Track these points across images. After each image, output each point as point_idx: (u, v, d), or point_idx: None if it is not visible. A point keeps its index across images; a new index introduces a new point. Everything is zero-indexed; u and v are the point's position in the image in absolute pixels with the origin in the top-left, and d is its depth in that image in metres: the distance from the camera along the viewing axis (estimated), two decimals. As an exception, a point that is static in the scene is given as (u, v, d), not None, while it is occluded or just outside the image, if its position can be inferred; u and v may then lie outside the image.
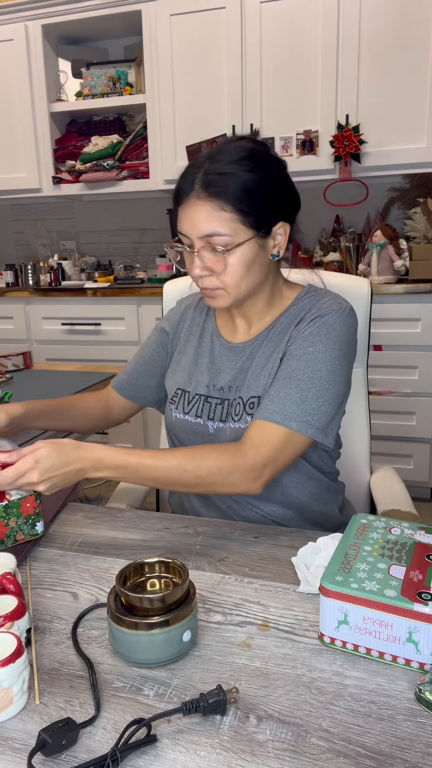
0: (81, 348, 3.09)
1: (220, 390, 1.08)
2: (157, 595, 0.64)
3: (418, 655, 0.62)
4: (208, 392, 1.09)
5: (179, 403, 1.11)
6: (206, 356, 1.11)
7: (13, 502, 0.87)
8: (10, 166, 3.30)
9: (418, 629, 0.62)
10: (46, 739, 0.53)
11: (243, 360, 1.07)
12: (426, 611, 0.61)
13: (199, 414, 1.08)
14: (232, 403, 1.06)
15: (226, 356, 1.09)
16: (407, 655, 0.63)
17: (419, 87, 2.61)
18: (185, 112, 2.95)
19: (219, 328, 1.13)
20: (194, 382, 1.11)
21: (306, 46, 2.70)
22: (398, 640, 0.63)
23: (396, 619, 0.62)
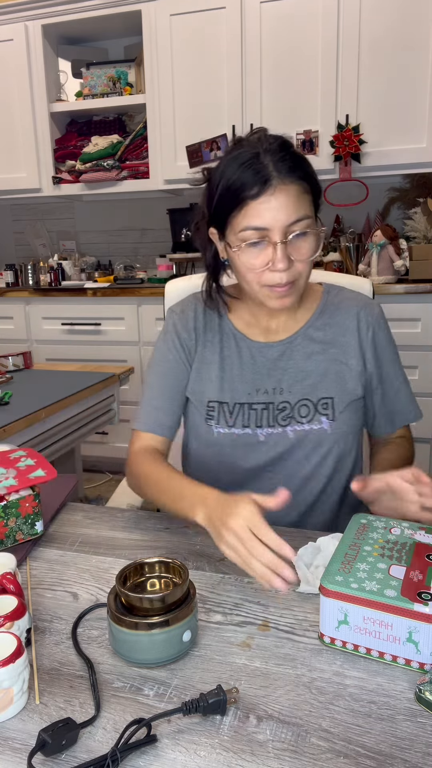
0: (81, 348, 3.09)
1: (264, 393, 1.03)
2: (157, 595, 0.64)
3: (418, 655, 0.62)
4: (251, 399, 1.03)
5: (218, 416, 1.04)
6: (235, 361, 1.06)
7: (12, 502, 0.87)
8: (10, 166, 3.30)
9: (418, 629, 0.62)
10: (46, 739, 0.53)
11: (281, 359, 1.04)
12: (426, 611, 0.61)
13: (246, 424, 1.03)
14: (279, 406, 1.03)
15: (259, 358, 1.05)
16: (407, 655, 0.63)
17: (419, 87, 2.60)
18: (185, 112, 2.95)
19: (240, 329, 1.07)
20: (230, 391, 1.04)
21: (306, 46, 2.70)
22: (398, 640, 0.63)
23: (396, 619, 0.62)
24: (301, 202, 0.90)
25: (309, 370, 1.03)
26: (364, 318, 1.05)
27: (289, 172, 0.89)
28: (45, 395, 1.70)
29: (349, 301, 1.07)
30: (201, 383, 1.07)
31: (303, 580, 0.77)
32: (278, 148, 0.91)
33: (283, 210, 0.88)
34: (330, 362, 1.04)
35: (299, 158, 0.92)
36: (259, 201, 0.89)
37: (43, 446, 1.65)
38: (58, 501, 1.03)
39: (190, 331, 1.08)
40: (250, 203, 0.89)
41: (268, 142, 0.92)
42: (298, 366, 1.04)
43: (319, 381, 1.03)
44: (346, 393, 1.03)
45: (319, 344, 1.04)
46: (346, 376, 1.04)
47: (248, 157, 0.90)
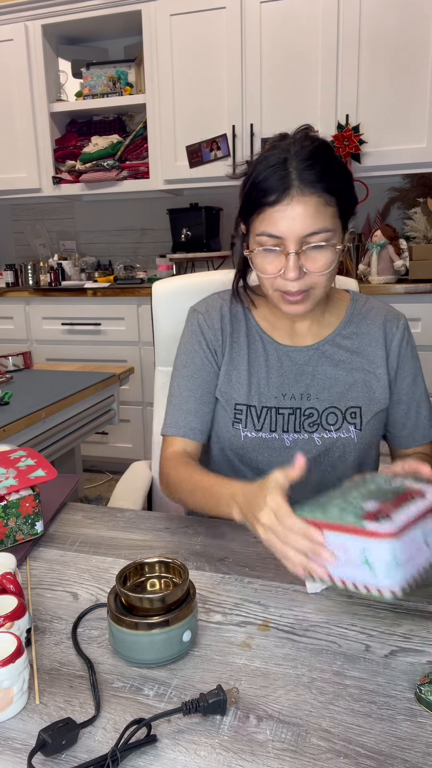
0: (81, 348, 3.09)
1: (291, 399, 1.02)
2: (157, 595, 0.64)
3: (374, 579, 0.61)
4: (279, 403, 1.02)
5: (246, 420, 1.03)
6: (262, 364, 1.04)
7: (12, 502, 0.87)
8: (10, 166, 3.30)
9: (370, 549, 0.60)
10: (46, 739, 0.53)
11: (309, 365, 1.03)
12: (375, 528, 0.59)
13: (273, 428, 1.02)
14: (305, 412, 1.02)
15: (286, 362, 1.04)
16: (365, 580, 0.61)
17: (419, 87, 2.61)
18: (185, 112, 2.95)
19: (267, 332, 1.06)
20: (257, 394, 1.03)
21: (306, 46, 2.70)
22: (355, 563, 0.62)
23: (350, 540, 0.61)
24: (321, 214, 0.88)
25: (337, 378, 1.03)
26: (390, 329, 1.06)
27: (311, 183, 0.87)
28: (45, 395, 1.70)
29: (376, 310, 1.07)
30: (230, 385, 1.05)
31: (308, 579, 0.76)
32: (308, 155, 0.88)
33: (299, 221, 0.87)
34: (358, 371, 1.03)
35: (329, 169, 0.89)
36: (275, 209, 0.88)
37: (43, 446, 1.65)
38: (58, 501, 1.03)
39: (216, 331, 1.06)
40: (267, 210, 0.89)
41: (301, 145, 0.89)
42: (327, 373, 1.03)
43: (347, 389, 1.02)
44: (374, 402, 1.03)
45: (347, 352, 1.04)
46: (373, 386, 1.03)
47: (275, 161, 0.88)
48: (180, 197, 3.37)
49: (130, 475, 1.36)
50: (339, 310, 1.07)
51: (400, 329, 1.06)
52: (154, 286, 1.34)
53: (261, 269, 0.94)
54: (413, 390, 1.07)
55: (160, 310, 1.32)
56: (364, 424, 1.02)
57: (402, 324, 1.07)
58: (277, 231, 0.89)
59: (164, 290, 1.33)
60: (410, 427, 1.08)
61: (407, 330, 1.08)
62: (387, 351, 1.05)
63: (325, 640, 0.68)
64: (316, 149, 0.89)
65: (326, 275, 0.92)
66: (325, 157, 0.89)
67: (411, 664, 0.64)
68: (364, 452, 1.04)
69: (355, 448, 1.02)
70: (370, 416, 1.03)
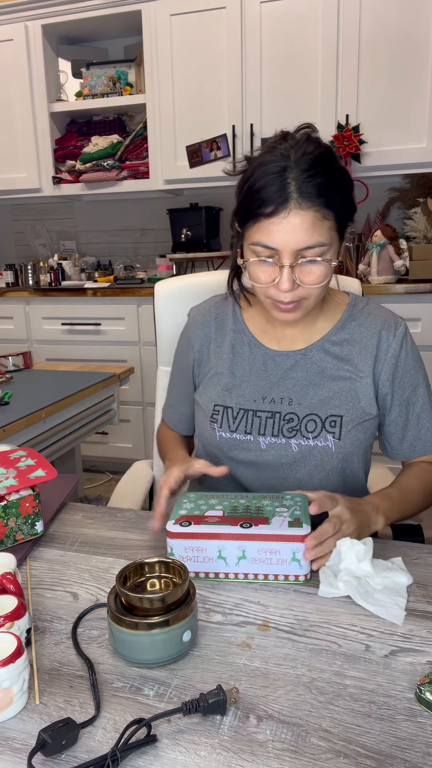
0: (81, 348, 3.09)
1: (270, 402, 1.01)
2: (157, 595, 0.64)
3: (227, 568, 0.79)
4: (257, 406, 1.02)
5: (222, 420, 1.03)
6: (245, 367, 1.04)
7: (12, 503, 0.87)
8: (10, 166, 3.30)
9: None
10: (46, 739, 0.53)
11: (293, 369, 1.02)
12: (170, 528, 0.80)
13: (249, 431, 1.01)
14: (285, 417, 1.00)
15: (271, 365, 1.03)
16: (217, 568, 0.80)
17: (419, 87, 2.61)
18: (185, 112, 2.95)
19: (255, 335, 1.06)
20: (236, 396, 1.03)
21: (306, 46, 2.70)
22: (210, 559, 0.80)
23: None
24: (317, 228, 0.86)
25: (321, 385, 1.01)
26: (385, 338, 1.01)
27: (310, 196, 0.85)
28: (45, 395, 1.70)
29: (374, 317, 1.03)
30: (209, 386, 1.06)
31: (324, 583, 0.76)
32: (309, 165, 0.85)
33: (294, 234, 0.86)
34: (343, 380, 1.00)
35: (329, 181, 0.86)
36: (272, 221, 0.86)
37: (43, 446, 1.65)
38: (58, 501, 1.03)
39: (199, 337, 1.10)
40: (263, 220, 0.87)
41: (302, 152, 0.87)
42: (311, 379, 1.01)
43: (330, 397, 1.00)
44: (357, 412, 1.00)
45: (335, 359, 1.01)
46: (359, 395, 1.00)
47: (275, 170, 0.86)
48: (180, 197, 3.37)
49: (131, 475, 1.36)
50: (334, 314, 1.05)
51: (397, 338, 1.01)
52: (157, 286, 1.34)
53: (254, 278, 0.93)
54: (413, 401, 1.03)
55: (162, 310, 1.32)
56: (344, 433, 0.98)
57: (400, 332, 1.02)
58: (273, 243, 0.87)
59: (166, 290, 1.33)
60: (411, 440, 1.04)
61: (406, 339, 1.03)
62: (376, 361, 1.01)
63: (325, 640, 0.68)
64: (317, 158, 0.87)
65: (321, 287, 0.92)
66: (326, 167, 0.87)
67: (411, 664, 0.64)
68: (345, 462, 1.00)
69: (333, 457, 0.99)
70: (352, 426, 0.99)
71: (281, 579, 0.79)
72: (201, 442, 1.09)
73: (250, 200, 0.88)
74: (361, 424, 1.00)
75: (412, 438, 1.04)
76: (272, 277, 0.90)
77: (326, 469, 1.00)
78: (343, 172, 0.90)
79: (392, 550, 0.87)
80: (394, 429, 1.04)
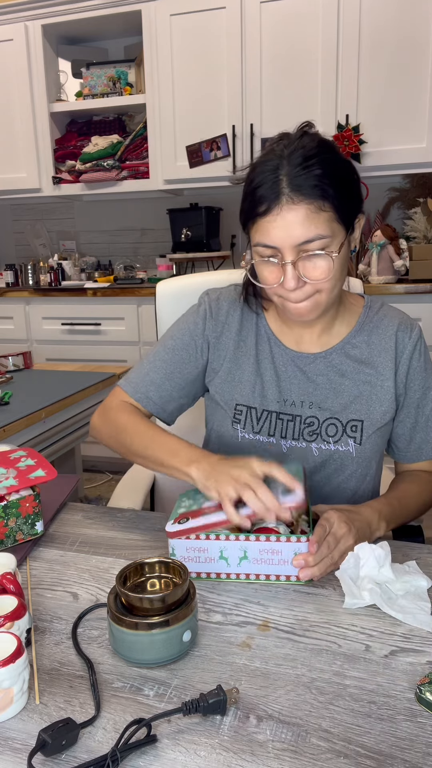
0: (81, 348, 3.09)
1: (292, 405, 1.00)
2: (157, 595, 0.64)
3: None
4: (280, 408, 1.00)
5: (246, 421, 1.01)
6: (268, 367, 1.02)
7: (12, 503, 0.87)
8: (10, 166, 3.30)
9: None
10: (46, 739, 0.53)
11: (315, 373, 1.01)
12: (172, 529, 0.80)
13: (272, 433, 1.00)
14: (306, 421, 0.99)
15: (292, 368, 1.01)
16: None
17: (419, 87, 2.61)
18: (185, 112, 2.95)
19: (276, 335, 1.03)
20: (260, 397, 1.01)
21: (306, 46, 2.70)
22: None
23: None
24: (314, 221, 0.84)
25: (342, 389, 1.00)
26: (401, 339, 1.01)
27: (302, 190, 0.83)
28: (45, 395, 1.70)
29: (389, 319, 1.03)
30: (231, 384, 1.03)
31: (349, 594, 0.74)
32: (302, 159, 0.84)
33: (290, 229, 0.84)
34: (364, 384, 1.00)
35: (324, 172, 0.84)
36: (267, 219, 0.86)
37: (43, 446, 1.65)
38: (58, 501, 1.03)
39: (219, 323, 1.04)
40: (259, 220, 0.87)
41: (295, 147, 0.86)
42: (332, 383, 1.00)
43: (351, 402, 0.99)
44: (377, 417, 1.00)
45: (355, 363, 1.01)
46: (380, 399, 1.00)
47: (269, 168, 0.86)
48: (180, 197, 3.37)
49: (130, 475, 1.36)
50: (351, 317, 1.03)
51: (412, 340, 1.01)
52: (158, 286, 1.34)
53: (262, 279, 0.92)
54: (423, 404, 1.02)
55: (163, 310, 1.33)
56: (365, 438, 0.99)
57: (415, 334, 1.01)
58: (271, 241, 0.86)
59: (168, 290, 1.33)
60: (418, 442, 1.04)
61: (420, 341, 1.02)
62: (396, 363, 1.00)
63: (325, 640, 0.68)
64: (311, 151, 0.85)
65: (330, 282, 0.89)
66: (321, 160, 0.85)
67: (411, 664, 0.64)
68: (364, 467, 1.01)
69: (353, 462, 0.99)
70: (372, 431, 0.99)
71: (283, 579, 0.79)
72: (219, 442, 1.05)
73: (248, 202, 0.88)
74: (380, 429, 1.01)
75: (420, 440, 1.04)
76: (278, 276, 0.89)
77: (345, 473, 1.00)
78: (344, 163, 0.88)
79: (393, 551, 0.87)
80: (403, 430, 1.04)
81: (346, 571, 0.77)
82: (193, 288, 1.31)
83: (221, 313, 1.04)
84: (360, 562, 0.78)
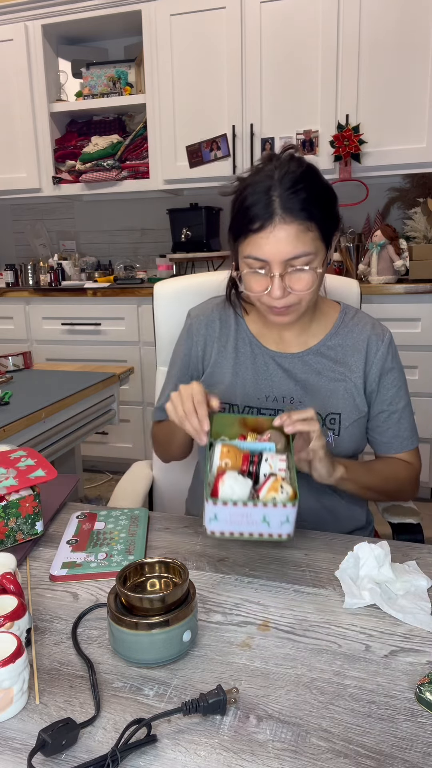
0: (81, 348, 3.09)
1: (274, 401, 1.07)
2: (157, 595, 0.64)
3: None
4: (261, 404, 1.07)
5: None
6: (248, 366, 1.10)
7: (12, 502, 0.87)
8: (10, 166, 3.30)
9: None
10: (46, 739, 0.53)
11: (294, 371, 1.08)
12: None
13: None
14: None
15: (273, 366, 1.09)
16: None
17: (419, 87, 2.61)
18: (185, 112, 2.95)
19: (257, 336, 1.11)
20: (241, 395, 1.08)
21: (306, 46, 2.70)
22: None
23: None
24: (302, 239, 0.93)
25: (320, 386, 1.07)
26: (374, 342, 1.09)
27: (293, 211, 0.92)
28: (45, 395, 1.70)
29: (363, 325, 1.11)
30: (212, 386, 1.10)
31: (348, 594, 0.75)
32: (291, 183, 0.92)
33: (280, 246, 0.93)
34: (339, 381, 1.07)
35: (311, 196, 0.93)
36: (260, 235, 0.93)
37: (43, 446, 1.65)
38: (58, 501, 1.03)
39: (201, 337, 1.13)
40: (252, 236, 0.94)
41: (285, 170, 0.94)
42: (310, 380, 1.07)
43: (329, 396, 1.07)
44: (354, 409, 1.07)
45: (331, 362, 1.08)
46: (353, 393, 1.08)
47: (262, 189, 0.94)
48: (180, 197, 3.37)
49: (131, 475, 1.36)
50: (327, 321, 1.11)
51: (384, 343, 1.09)
52: (156, 286, 1.34)
53: (249, 288, 0.99)
54: (396, 401, 1.10)
55: (161, 311, 1.33)
56: (343, 429, 1.06)
57: (387, 338, 1.10)
58: (263, 255, 0.94)
59: (166, 291, 1.33)
60: (390, 436, 1.11)
61: (391, 346, 1.11)
62: (367, 363, 1.08)
63: (325, 640, 0.68)
64: (299, 176, 0.94)
65: (312, 292, 0.98)
66: (308, 184, 0.93)
67: (411, 664, 0.64)
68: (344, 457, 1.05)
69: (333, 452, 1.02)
70: (349, 423, 1.07)
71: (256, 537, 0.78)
72: None
73: (241, 217, 0.96)
74: (357, 421, 1.08)
75: (391, 435, 1.11)
76: (264, 286, 0.97)
77: None
78: (326, 187, 0.98)
79: (393, 551, 0.87)
80: (377, 423, 1.11)
81: (346, 571, 0.78)
82: (191, 289, 1.31)
83: (201, 326, 1.14)
84: (360, 562, 0.78)
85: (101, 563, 0.83)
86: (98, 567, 0.82)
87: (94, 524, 0.94)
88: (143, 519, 0.96)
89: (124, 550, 0.86)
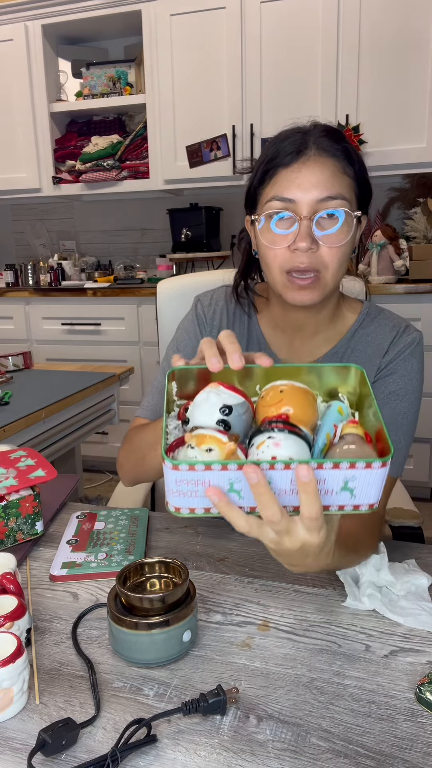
0: (81, 348, 3.09)
1: None
2: (157, 595, 0.64)
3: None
4: None
5: None
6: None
7: (12, 503, 0.87)
8: (10, 166, 3.30)
9: None
10: (46, 739, 0.53)
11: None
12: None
13: None
14: None
15: None
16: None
17: (419, 87, 2.61)
18: (185, 112, 2.95)
19: (267, 339, 0.99)
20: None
21: (306, 46, 2.70)
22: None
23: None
24: (338, 180, 0.81)
25: None
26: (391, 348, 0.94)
27: (329, 146, 0.81)
28: (45, 395, 1.70)
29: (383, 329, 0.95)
30: None
31: (351, 595, 0.74)
32: (327, 131, 0.84)
33: (313, 181, 0.80)
34: None
35: (349, 146, 0.84)
36: (290, 169, 0.81)
37: (43, 446, 1.65)
38: (58, 501, 1.03)
39: (213, 327, 1.01)
40: (280, 172, 0.82)
41: (318, 124, 0.86)
42: None
43: None
44: None
45: None
46: None
47: (290, 132, 0.84)
48: (180, 197, 3.37)
49: (130, 475, 1.35)
50: (343, 324, 0.98)
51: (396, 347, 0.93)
52: (159, 285, 1.34)
53: (270, 242, 0.84)
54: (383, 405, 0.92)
55: (164, 310, 1.33)
56: None
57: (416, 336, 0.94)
58: (290, 194, 0.81)
59: (169, 289, 1.33)
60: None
61: (418, 347, 0.94)
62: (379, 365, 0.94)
63: (325, 640, 0.68)
64: (335, 129, 0.86)
65: (341, 258, 0.83)
66: (344, 137, 0.85)
67: (411, 664, 0.64)
68: None
69: None
70: None
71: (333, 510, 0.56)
72: None
73: (265, 163, 0.85)
74: None
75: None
76: (289, 239, 0.82)
77: None
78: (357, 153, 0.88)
79: (392, 550, 0.87)
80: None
81: (347, 571, 0.78)
82: (195, 287, 1.30)
83: (215, 317, 1.02)
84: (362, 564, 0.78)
85: (101, 563, 0.83)
86: (98, 567, 0.82)
87: (94, 524, 0.94)
88: (143, 519, 0.96)
89: (124, 550, 0.86)
